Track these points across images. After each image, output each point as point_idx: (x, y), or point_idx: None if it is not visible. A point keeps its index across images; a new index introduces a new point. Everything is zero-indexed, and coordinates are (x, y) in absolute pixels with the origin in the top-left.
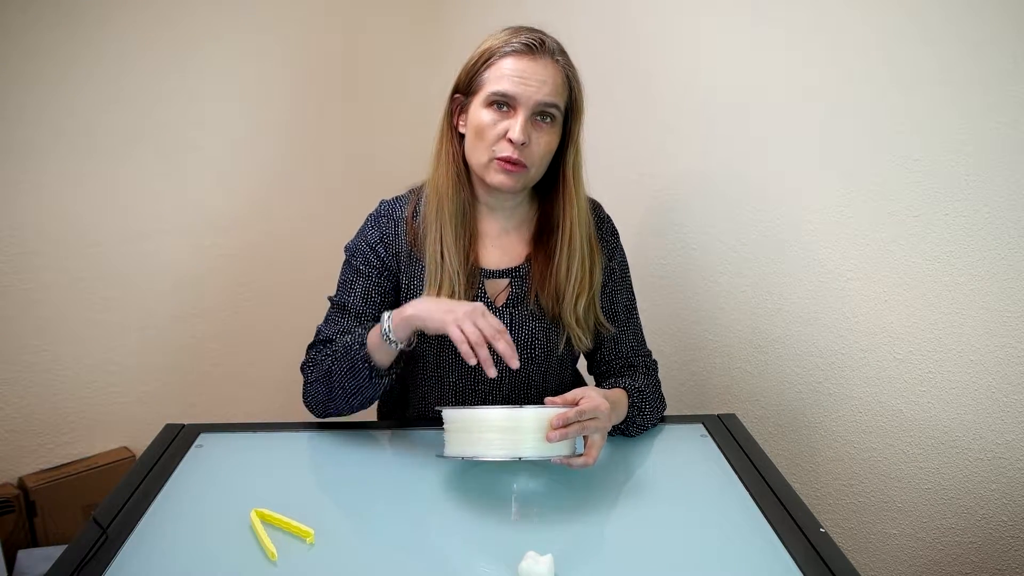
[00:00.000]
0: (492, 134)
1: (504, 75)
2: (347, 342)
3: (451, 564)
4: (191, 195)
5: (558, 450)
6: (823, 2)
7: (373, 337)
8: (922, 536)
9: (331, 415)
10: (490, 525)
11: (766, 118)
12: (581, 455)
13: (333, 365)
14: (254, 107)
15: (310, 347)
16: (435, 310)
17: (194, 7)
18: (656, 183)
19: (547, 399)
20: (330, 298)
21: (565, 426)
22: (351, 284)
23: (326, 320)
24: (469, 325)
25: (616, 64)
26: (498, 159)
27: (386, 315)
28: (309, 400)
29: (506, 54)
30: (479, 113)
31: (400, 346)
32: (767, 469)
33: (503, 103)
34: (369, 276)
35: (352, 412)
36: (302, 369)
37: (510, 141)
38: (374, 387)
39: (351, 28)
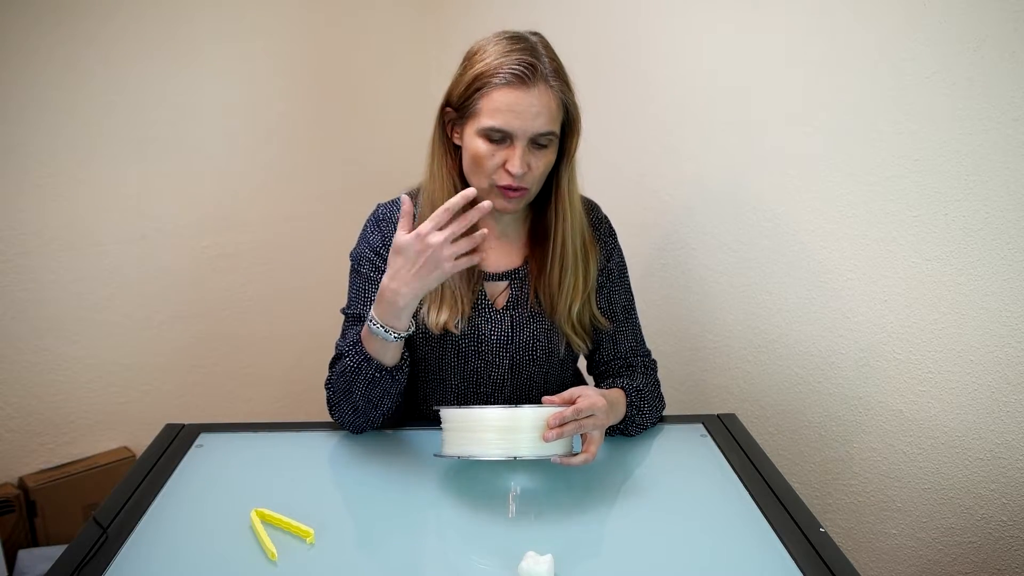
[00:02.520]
0: (490, 165)
1: (497, 109)
2: (348, 366)
3: (451, 564)
4: (191, 195)
5: (555, 449)
6: (823, 2)
7: (371, 345)
8: (922, 536)
9: (366, 429)
10: (490, 525)
11: (766, 119)
12: (580, 453)
13: (351, 387)
14: (253, 108)
15: (331, 363)
16: (425, 280)
17: (194, 8)
18: (656, 183)
19: (544, 398)
20: (343, 311)
21: (562, 425)
22: (364, 293)
23: (344, 334)
24: (454, 246)
25: (616, 64)
26: (499, 187)
27: (376, 324)
28: (339, 421)
29: (498, 86)
30: (475, 142)
31: (407, 334)
32: (767, 469)
33: (498, 135)
34: (380, 282)
35: (385, 418)
36: (325, 387)
37: (509, 172)
38: (397, 384)
39: (350, 29)
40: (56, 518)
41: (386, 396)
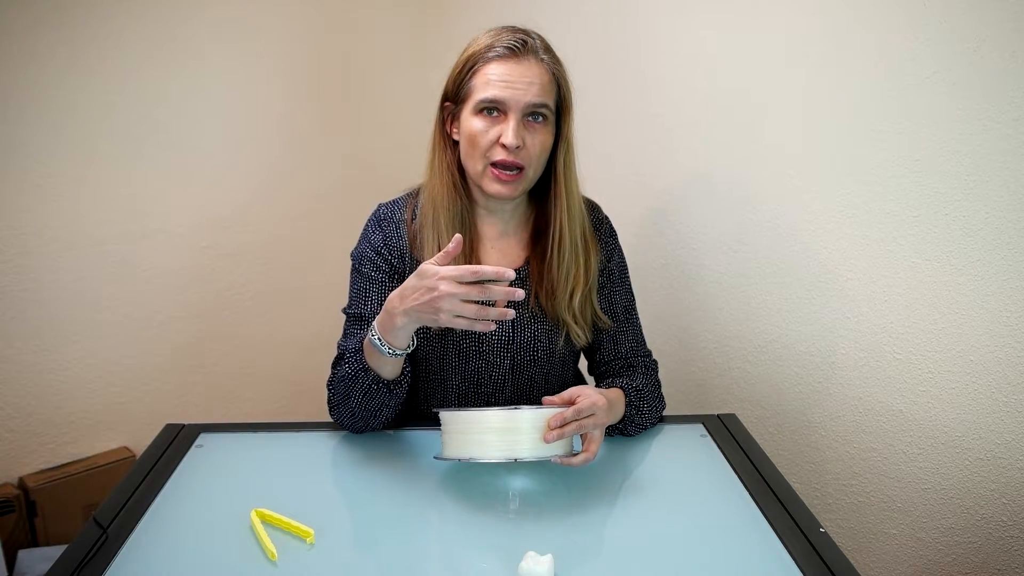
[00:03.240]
0: (485, 141)
1: (490, 81)
2: (347, 373)
3: (451, 564)
4: (191, 195)
5: (555, 450)
6: (823, 2)
7: (371, 356)
8: (922, 536)
9: (366, 432)
10: (490, 525)
11: (766, 118)
12: (580, 453)
13: (349, 393)
14: (253, 107)
15: (333, 363)
16: (421, 315)
17: (194, 8)
18: (656, 183)
19: (545, 399)
20: (345, 311)
21: (562, 426)
22: (365, 293)
23: (345, 334)
24: (459, 305)
25: (616, 64)
26: (494, 165)
27: (375, 336)
28: (338, 423)
29: (490, 59)
30: (470, 121)
31: (404, 352)
32: (767, 469)
33: (493, 109)
34: (381, 282)
35: (389, 422)
36: (327, 387)
37: (504, 146)
38: (395, 397)
39: (350, 28)
40: (56, 518)
41: (383, 408)
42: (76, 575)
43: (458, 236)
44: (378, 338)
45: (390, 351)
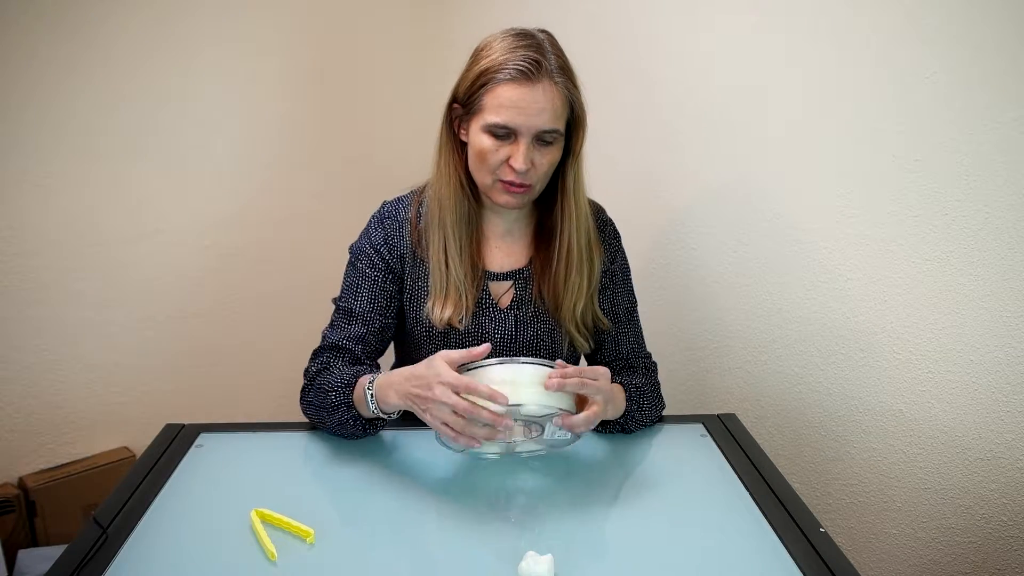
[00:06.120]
0: (494, 160)
1: (502, 104)
2: (330, 401)
3: (451, 564)
4: (191, 195)
5: (559, 403)
6: (823, 3)
7: (360, 405)
8: (922, 536)
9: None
10: (490, 525)
11: (766, 118)
12: (582, 413)
13: (322, 415)
14: (254, 107)
15: (315, 353)
16: (412, 405)
17: (195, 8)
18: (657, 183)
19: (557, 362)
20: (335, 301)
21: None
22: (357, 288)
23: (332, 325)
24: (448, 414)
25: (617, 65)
26: (502, 182)
27: (371, 397)
28: (305, 415)
29: (503, 81)
30: (480, 137)
31: (388, 418)
32: (767, 469)
33: (503, 131)
34: (375, 280)
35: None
36: (304, 374)
37: (512, 167)
38: (368, 432)
39: (351, 28)
40: (56, 518)
41: (353, 436)
42: (76, 575)
43: (487, 346)
44: (373, 397)
45: (381, 413)
